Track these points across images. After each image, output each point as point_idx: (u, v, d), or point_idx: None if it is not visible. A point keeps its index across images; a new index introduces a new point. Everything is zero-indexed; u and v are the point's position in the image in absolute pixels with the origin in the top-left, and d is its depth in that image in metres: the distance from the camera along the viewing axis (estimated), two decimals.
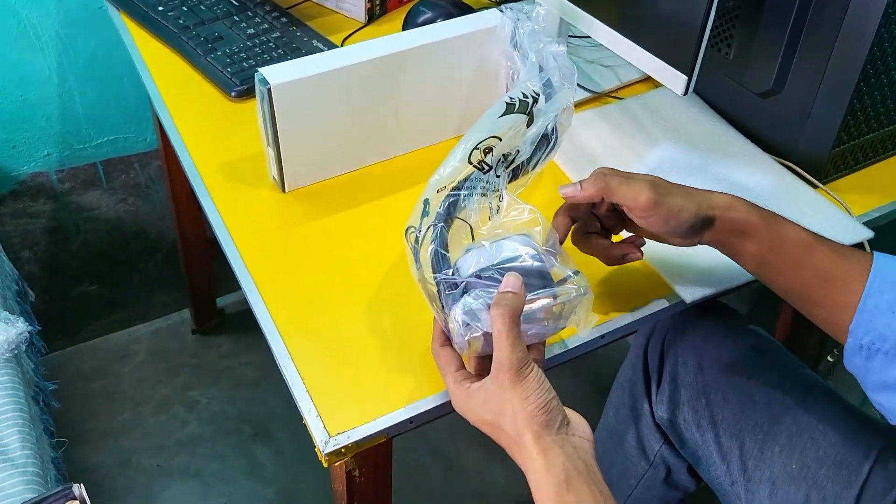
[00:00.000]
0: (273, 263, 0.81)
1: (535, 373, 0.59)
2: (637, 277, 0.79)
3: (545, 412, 0.58)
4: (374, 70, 0.84)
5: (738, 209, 0.67)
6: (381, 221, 0.85)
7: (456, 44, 0.87)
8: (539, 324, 0.65)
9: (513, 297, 0.60)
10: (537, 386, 0.59)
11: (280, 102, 0.80)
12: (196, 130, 0.96)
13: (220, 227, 0.84)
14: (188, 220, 1.51)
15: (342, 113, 0.85)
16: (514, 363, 0.58)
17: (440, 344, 0.65)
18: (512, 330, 0.59)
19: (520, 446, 0.58)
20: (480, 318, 0.62)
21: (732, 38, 0.91)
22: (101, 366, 1.65)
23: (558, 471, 0.56)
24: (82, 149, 1.46)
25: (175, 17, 1.10)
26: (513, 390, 0.58)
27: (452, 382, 0.63)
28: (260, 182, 0.89)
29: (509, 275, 0.62)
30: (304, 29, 1.10)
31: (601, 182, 0.66)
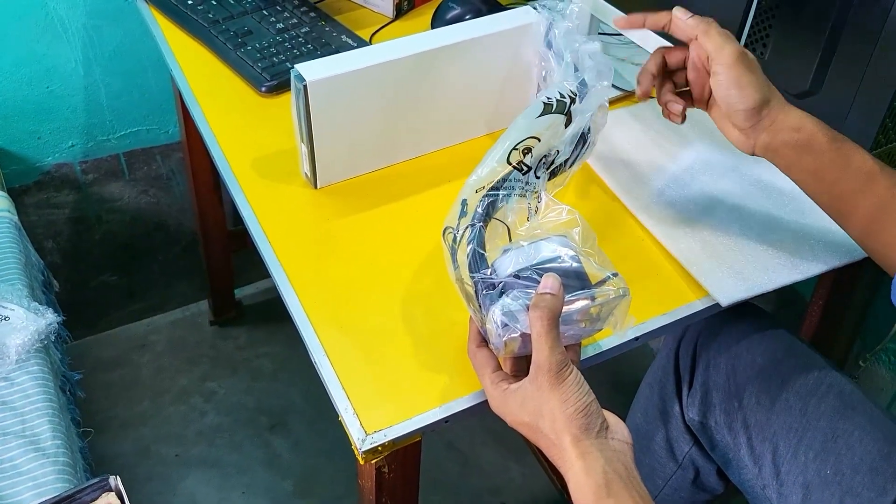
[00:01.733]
0: (306, 259, 0.81)
1: (573, 375, 0.59)
2: (671, 279, 0.79)
3: (584, 415, 0.58)
4: (408, 68, 0.84)
5: (805, 125, 0.68)
6: (412, 218, 0.85)
7: (489, 42, 0.87)
8: (576, 325, 0.65)
9: (551, 299, 0.60)
10: (576, 389, 0.58)
11: (316, 99, 0.80)
12: (227, 125, 0.96)
13: (252, 222, 0.84)
14: (208, 212, 1.51)
15: (375, 110, 0.85)
16: (553, 366, 0.58)
17: (476, 345, 0.65)
18: (551, 332, 0.59)
19: (559, 449, 0.58)
20: (519, 319, 0.62)
21: (769, 37, 0.90)
22: (121, 355, 1.66)
23: (598, 475, 0.56)
24: (106, 140, 1.46)
25: (204, 11, 1.10)
26: (552, 393, 0.58)
27: (490, 384, 0.63)
28: (292, 178, 0.89)
29: (548, 276, 0.61)
30: (332, 24, 1.10)
31: (703, 21, 0.68)
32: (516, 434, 0.64)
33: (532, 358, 0.60)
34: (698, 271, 0.78)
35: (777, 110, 0.68)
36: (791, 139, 0.67)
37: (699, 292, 0.78)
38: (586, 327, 0.65)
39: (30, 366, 0.99)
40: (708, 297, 0.77)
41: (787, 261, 0.79)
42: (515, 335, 0.62)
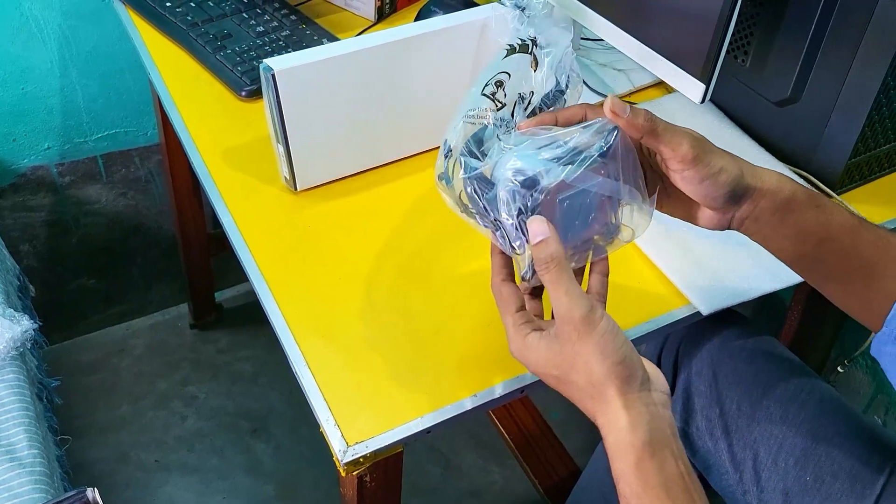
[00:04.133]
0: (286, 265, 0.80)
1: (605, 322, 0.54)
2: (653, 287, 0.79)
3: (625, 366, 0.54)
4: (378, 57, 0.84)
5: (784, 186, 0.61)
6: (396, 224, 0.85)
7: (456, 32, 0.86)
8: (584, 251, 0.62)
9: (545, 247, 0.55)
10: (612, 337, 0.54)
11: (285, 89, 0.80)
12: (206, 130, 0.95)
13: (232, 228, 0.83)
14: (188, 215, 1.50)
15: (348, 103, 0.84)
16: (577, 316, 0.54)
17: (501, 278, 0.61)
18: (561, 281, 0.54)
19: (599, 401, 0.54)
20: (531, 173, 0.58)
21: (750, 45, 0.90)
22: (99, 360, 1.64)
23: (643, 432, 0.52)
24: (83, 142, 1.44)
25: (183, 14, 1.09)
26: (584, 344, 0.54)
27: (511, 325, 0.59)
28: (272, 183, 0.88)
29: (532, 221, 0.56)
30: (313, 27, 1.09)
31: (648, 120, 0.58)
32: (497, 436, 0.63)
33: (553, 310, 0.55)
34: (680, 280, 0.78)
35: (751, 177, 0.61)
36: (772, 203, 0.61)
37: (680, 300, 0.78)
38: (601, 246, 0.63)
39: (5, 374, 0.97)
40: (689, 305, 0.77)
41: (768, 269, 0.80)
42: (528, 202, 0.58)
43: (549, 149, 0.59)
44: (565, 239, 0.59)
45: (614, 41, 0.94)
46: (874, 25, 0.78)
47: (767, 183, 0.61)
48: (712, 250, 0.82)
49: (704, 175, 0.59)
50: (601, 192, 0.60)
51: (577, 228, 0.61)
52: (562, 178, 0.58)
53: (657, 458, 0.52)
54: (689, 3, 0.82)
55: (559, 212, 0.59)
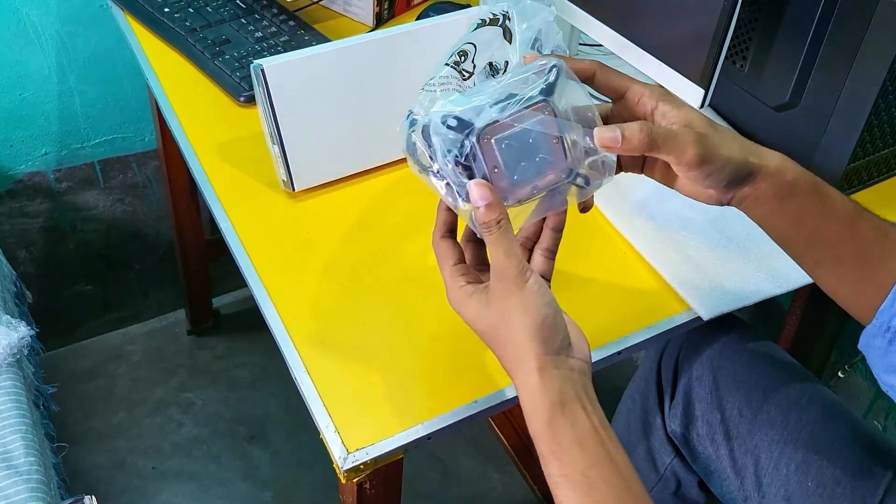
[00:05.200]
0: (285, 271, 0.80)
1: (533, 282, 0.55)
2: (653, 292, 0.79)
3: (545, 328, 0.55)
4: (369, 53, 0.84)
5: (788, 170, 0.61)
6: (395, 228, 0.84)
7: (447, 28, 0.86)
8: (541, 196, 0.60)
9: (488, 211, 0.55)
10: (536, 298, 0.55)
11: (275, 85, 0.80)
12: (204, 135, 0.94)
13: (230, 233, 0.83)
14: (185, 221, 1.49)
15: (342, 100, 0.85)
16: (510, 274, 0.55)
17: (441, 235, 0.62)
18: (501, 242, 0.55)
19: (515, 361, 0.56)
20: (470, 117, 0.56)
21: (748, 49, 0.90)
22: (96, 366, 1.64)
23: (553, 392, 0.54)
24: (80, 148, 1.44)
25: (181, 19, 1.08)
26: (510, 300, 0.55)
27: (449, 276, 0.60)
28: (271, 187, 0.88)
29: (471, 186, 0.56)
30: (311, 32, 1.09)
31: (645, 136, 0.56)
32: (497, 443, 0.63)
33: (491, 265, 0.57)
34: (680, 284, 0.78)
35: (755, 157, 0.60)
36: (774, 186, 0.60)
37: (681, 305, 0.78)
38: (564, 192, 0.61)
39: (2, 381, 0.97)
40: (689, 310, 0.77)
41: (769, 273, 0.80)
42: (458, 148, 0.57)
43: (484, 93, 0.58)
44: (511, 183, 0.58)
45: (612, 46, 0.94)
46: (873, 29, 0.78)
47: (771, 165, 0.60)
48: (713, 254, 0.81)
49: (709, 172, 0.58)
50: (545, 130, 0.58)
51: (524, 172, 0.58)
52: (495, 117, 0.56)
53: (568, 414, 0.54)
54: (687, 8, 0.82)
55: (500, 155, 0.57)
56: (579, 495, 0.53)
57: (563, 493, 0.54)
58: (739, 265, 0.80)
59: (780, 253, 0.81)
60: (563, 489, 0.53)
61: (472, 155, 0.57)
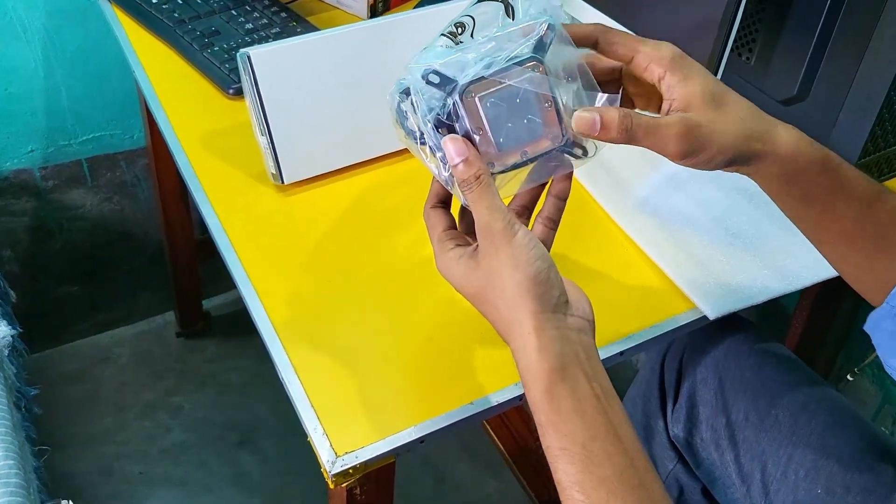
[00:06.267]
0: (275, 269, 0.77)
1: (522, 235, 0.51)
2: (656, 290, 0.76)
3: (538, 283, 0.51)
4: (359, 41, 0.81)
5: (800, 152, 0.55)
6: (389, 226, 0.81)
7: (440, 16, 0.84)
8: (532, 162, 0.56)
9: (467, 167, 0.52)
10: (527, 250, 0.51)
11: (263, 73, 0.78)
12: (192, 129, 0.91)
13: (217, 230, 0.80)
14: (175, 220, 1.46)
15: (332, 90, 0.82)
16: (495, 228, 0.51)
17: (431, 206, 0.59)
18: (483, 197, 0.51)
19: (509, 323, 0.52)
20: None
21: (755, 42, 0.87)
22: (83, 369, 1.60)
23: (552, 355, 0.50)
24: (67, 145, 1.41)
25: (170, 11, 1.05)
26: (498, 256, 0.51)
27: (437, 242, 0.57)
28: (259, 180, 0.85)
29: (446, 142, 0.52)
30: (304, 24, 1.06)
31: (623, 129, 0.53)
32: (492, 447, 0.60)
33: (476, 224, 0.53)
34: (684, 282, 0.75)
35: (761, 143, 0.55)
36: (780, 168, 0.56)
37: (685, 304, 0.75)
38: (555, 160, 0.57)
39: None
40: (694, 309, 0.74)
41: (776, 271, 0.77)
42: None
43: (471, 48, 0.54)
44: (497, 147, 0.54)
45: None
46: (885, 20, 0.75)
47: (781, 149, 0.56)
48: (718, 252, 0.78)
49: (696, 163, 0.55)
50: (535, 89, 0.54)
51: (511, 135, 0.54)
52: (480, 73, 0.52)
53: (568, 381, 0.50)
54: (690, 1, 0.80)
55: (484, 114, 0.53)
56: (579, 469, 0.49)
57: (561, 468, 0.49)
58: (746, 263, 0.77)
59: (788, 250, 0.79)
60: (561, 462, 0.49)
61: (455, 114, 0.53)
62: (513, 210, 0.60)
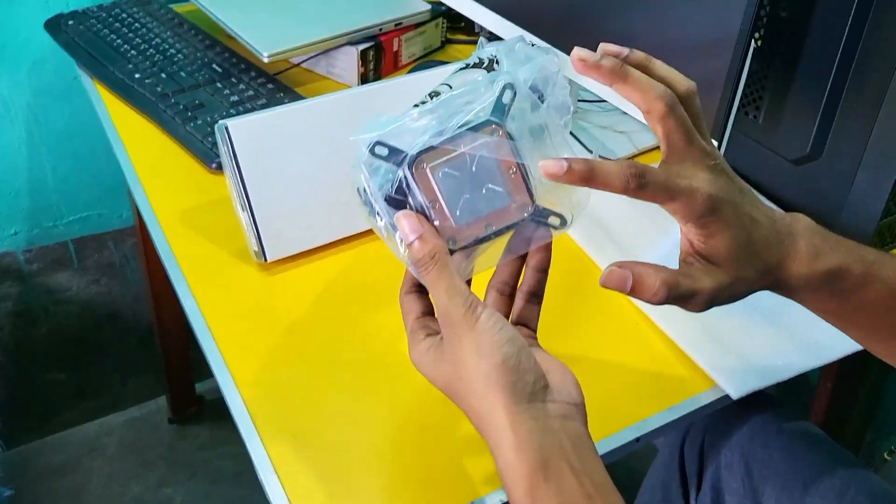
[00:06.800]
0: (255, 353, 0.70)
1: (486, 318, 0.46)
2: (672, 368, 0.70)
3: (508, 371, 0.45)
4: (342, 110, 0.78)
5: (814, 278, 0.50)
6: (381, 302, 0.75)
7: (426, 82, 0.79)
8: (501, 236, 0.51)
9: (421, 245, 0.47)
10: (491, 336, 0.45)
11: (241, 146, 0.73)
12: (172, 206, 0.87)
13: (194, 313, 0.74)
14: (165, 301, 1.40)
15: (316, 161, 0.77)
16: (455, 315, 0.46)
17: (405, 291, 0.54)
18: (441, 279, 0.47)
19: (481, 418, 0.46)
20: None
21: (762, 99, 0.83)
22: (70, 461, 1.52)
23: (531, 452, 0.44)
24: (53, 227, 1.36)
25: (153, 85, 1.02)
26: (461, 344, 0.46)
27: (409, 332, 0.52)
28: (241, 259, 0.79)
29: (399, 218, 0.48)
30: (292, 95, 1.03)
31: (622, 278, 0.51)
32: None
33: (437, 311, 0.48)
34: (702, 358, 0.69)
35: (777, 285, 0.51)
36: (797, 297, 0.52)
37: (705, 383, 0.68)
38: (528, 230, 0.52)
39: None
40: (715, 388, 0.67)
41: (802, 344, 0.70)
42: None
43: (421, 114, 0.49)
44: (455, 221, 0.49)
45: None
46: None
47: (820, 263, 0.51)
48: (737, 324, 0.72)
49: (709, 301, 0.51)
50: (493, 156, 0.49)
51: (469, 207, 0.49)
52: (430, 141, 0.48)
53: (552, 480, 0.43)
54: (693, 55, 0.75)
55: (438, 186, 0.49)
56: None
57: None
58: (768, 334, 0.71)
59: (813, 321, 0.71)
60: None
61: (406, 187, 0.49)
62: (494, 287, 0.55)
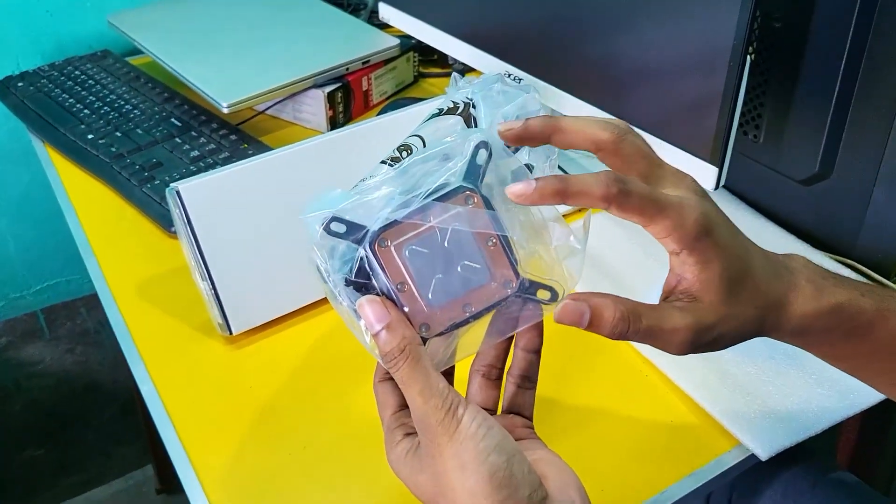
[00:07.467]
0: (221, 441, 0.63)
1: (468, 422, 0.39)
2: (690, 426, 0.62)
3: (498, 486, 0.38)
4: (308, 162, 0.71)
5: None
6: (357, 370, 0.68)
7: (405, 123, 0.73)
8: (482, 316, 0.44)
9: (389, 337, 0.41)
10: (475, 444, 0.38)
11: (195, 210, 0.67)
12: (128, 275, 0.79)
13: (152, 398, 0.67)
14: None
15: (279, 221, 0.70)
16: (432, 421, 0.39)
17: (379, 379, 0.47)
18: (414, 377, 0.40)
19: None
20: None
21: (761, 117, 0.76)
22: None
23: None
24: (19, 297, 1.29)
25: (107, 146, 0.95)
26: (441, 456, 0.39)
27: (386, 429, 0.45)
28: (205, 332, 0.72)
29: (361, 304, 0.41)
30: (256, 145, 0.96)
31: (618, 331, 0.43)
32: None
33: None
34: (722, 414, 0.61)
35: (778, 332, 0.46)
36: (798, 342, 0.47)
37: (727, 442, 0.60)
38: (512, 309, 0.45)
39: None
40: (740, 447, 0.60)
41: (832, 388, 0.63)
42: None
43: (382, 183, 0.43)
44: (428, 303, 0.42)
45: None
46: None
47: (793, 323, 0.45)
48: (758, 370, 0.65)
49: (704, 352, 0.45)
50: (468, 228, 0.42)
51: (444, 286, 0.43)
52: (393, 216, 0.42)
53: None
54: (683, 71, 0.69)
55: (406, 266, 0.42)
56: None
57: None
58: (794, 381, 0.64)
59: None
60: None
61: (370, 269, 0.42)
62: (478, 371, 0.47)
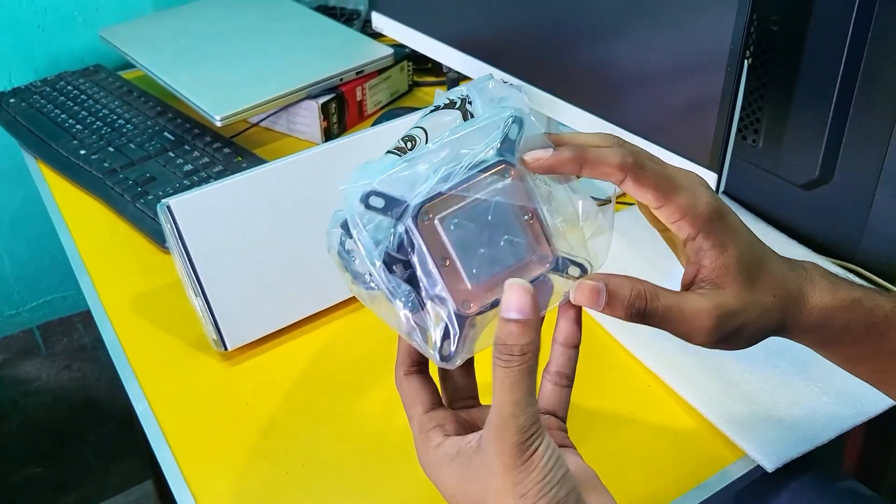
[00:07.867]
0: (218, 461, 0.62)
1: (542, 451, 0.37)
2: (693, 437, 0.61)
3: None
4: (301, 175, 0.70)
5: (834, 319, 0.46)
6: (358, 382, 0.67)
7: (396, 131, 0.71)
8: None
9: (519, 332, 0.37)
10: (542, 476, 0.37)
11: (187, 225, 0.66)
12: (122, 291, 0.78)
13: (147, 417, 0.66)
14: None
15: (273, 234, 0.69)
16: (509, 434, 0.37)
17: (404, 371, 0.44)
18: (518, 386, 0.37)
19: None
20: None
21: (759, 122, 0.75)
22: None
23: None
24: (15, 314, 1.28)
25: (99, 161, 0.94)
26: (505, 476, 0.37)
27: (418, 429, 0.43)
28: (199, 348, 0.71)
29: (510, 287, 0.37)
30: (250, 158, 0.95)
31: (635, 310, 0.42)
32: None
33: (489, 414, 0.38)
34: (727, 424, 0.60)
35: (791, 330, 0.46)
36: (814, 340, 0.47)
37: (733, 453, 0.59)
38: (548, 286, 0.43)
39: None
40: (745, 458, 0.59)
41: (839, 396, 0.62)
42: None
43: (421, 157, 0.42)
44: (471, 279, 0.41)
45: None
46: None
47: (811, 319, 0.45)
48: (762, 379, 0.64)
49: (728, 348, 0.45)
50: (510, 201, 0.41)
51: (488, 261, 0.41)
52: (436, 188, 0.40)
53: None
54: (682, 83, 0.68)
55: (450, 240, 0.41)
56: None
57: None
58: (799, 390, 0.63)
59: None
60: None
61: (410, 244, 0.40)
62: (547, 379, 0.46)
